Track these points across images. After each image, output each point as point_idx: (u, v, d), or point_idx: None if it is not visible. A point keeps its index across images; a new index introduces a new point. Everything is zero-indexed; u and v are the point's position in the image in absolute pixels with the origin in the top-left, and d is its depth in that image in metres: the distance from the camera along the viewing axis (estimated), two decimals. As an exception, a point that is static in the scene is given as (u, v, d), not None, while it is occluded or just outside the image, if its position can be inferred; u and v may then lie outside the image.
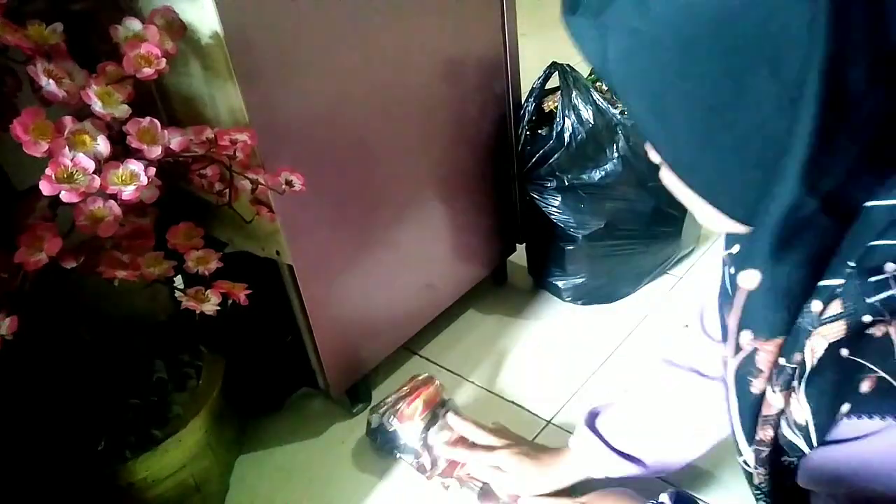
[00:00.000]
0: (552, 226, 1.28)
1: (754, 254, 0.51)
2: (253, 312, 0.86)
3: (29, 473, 0.90)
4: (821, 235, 0.47)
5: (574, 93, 1.20)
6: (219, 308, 0.80)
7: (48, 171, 0.63)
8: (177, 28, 0.77)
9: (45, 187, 0.63)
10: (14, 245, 0.67)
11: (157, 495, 0.95)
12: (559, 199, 1.25)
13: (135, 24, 0.72)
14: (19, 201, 0.75)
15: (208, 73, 0.83)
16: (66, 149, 0.64)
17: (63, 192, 0.63)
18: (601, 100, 1.20)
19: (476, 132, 1.20)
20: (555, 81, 1.27)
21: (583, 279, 1.34)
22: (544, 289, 1.43)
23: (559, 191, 1.25)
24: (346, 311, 1.08)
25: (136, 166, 0.68)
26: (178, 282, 0.88)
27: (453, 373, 1.27)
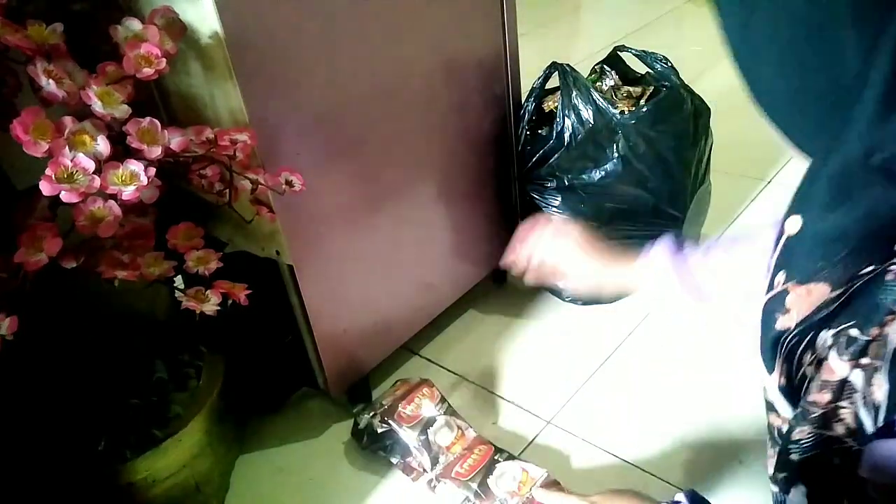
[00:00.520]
0: (552, 226, 1.28)
1: (806, 200, 0.54)
2: (253, 312, 0.86)
3: (29, 473, 0.90)
4: (877, 200, 0.48)
5: (574, 93, 1.20)
6: (219, 308, 0.80)
7: (48, 172, 0.63)
8: (177, 28, 0.77)
9: (45, 187, 0.63)
10: (14, 245, 0.67)
11: (157, 495, 0.95)
12: (559, 199, 1.25)
13: (135, 25, 0.72)
14: (19, 201, 0.75)
15: (208, 73, 0.83)
16: (66, 149, 0.65)
17: (63, 193, 0.63)
18: (601, 100, 1.20)
19: (476, 132, 1.20)
20: (554, 81, 1.27)
21: (583, 279, 1.34)
22: (544, 289, 1.43)
23: (559, 190, 1.25)
24: (345, 311, 1.08)
25: (136, 166, 0.68)
26: (179, 282, 0.88)
27: (453, 373, 1.27)
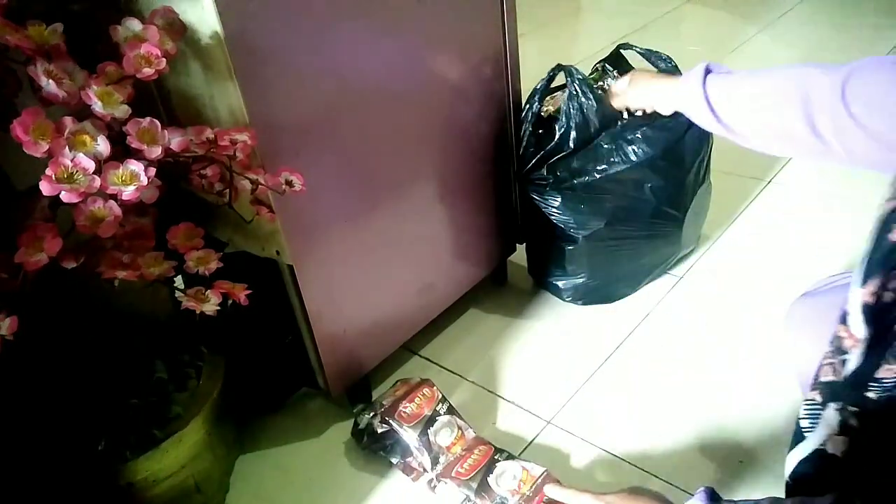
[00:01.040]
0: (552, 226, 1.28)
1: None
2: (253, 312, 0.86)
3: (29, 473, 0.90)
4: None
5: (580, 95, 1.20)
6: (219, 308, 0.80)
7: (48, 172, 0.63)
8: (177, 28, 0.77)
9: (45, 187, 0.63)
10: (14, 245, 0.67)
11: (157, 495, 0.95)
12: (559, 199, 1.25)
13: (135, 25, 0.72)
14: (19, 201, 0.75)
15: (208, 73, 0.83)
16: (66, 149, 0.64)
17: (63, 193, 0.63)
18: (605, 103, 1.20)
19: (476, 132, 1.20)
20: (558, 80, 1.27)
21: (583, 279, 1.34)
22: (544, 289, 1.43)
23: (559, 191, 1.25)
24: (345, 311, 1.08)
25: (136, 166, 0.68)
26: (179, 282, 0.88)
27: (453, 373, 1.27)
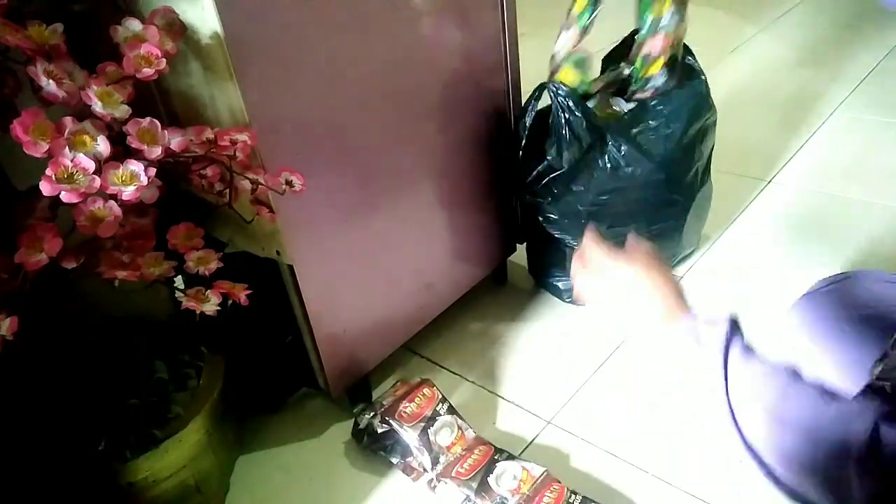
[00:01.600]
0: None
1: None
2: (253, 312, 0.86)
3: (29, 473, 0.90)
4: None
5: (564, 111, 1.18)
6: (219, 308, 0.80)
7: (48, 172, 0.63)
8: (177, 28, 0.77)
9: (45, 188, 0.63)
10: (14, 245, 0.67)
11: (157, 495, 0.95)
12: (557, 213, 1.26)
13: (135, 25, 0.72)
14: (19, 201, 0.75)
15: (208, 73, 0.83)
16: (67, 149, 0.65)
17: (63, 193, 0.63)
18: (594, 116, 1.19)
19: (476, 132, 1.20)
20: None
21: (583, 279, 1.34)
22: (544, 289, 1.43)
23: (557, 205, 1.25)
24: (346, 311, 1.08)
25: (136, 167, 0.68)
26: (179, 282, 0.88)
27: (453, 373, 1.27)
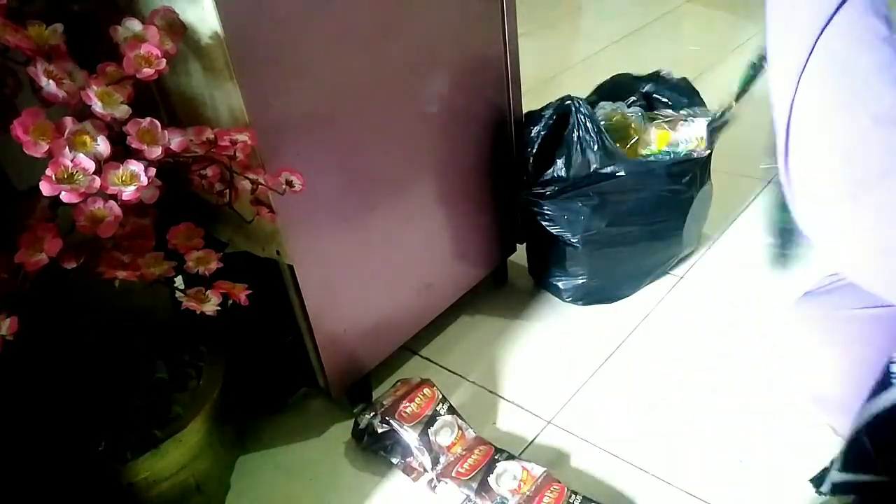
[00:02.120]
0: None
1: None
2: (253, 312, 0.86)
3: (29, 473, 0.90)
4: None
5: (580, 128, 1.20)
6: (219, 308, 0.80)
7: (48, 172, 0.63)
8: (177, 28, 0.77)
9: (45, 188, 0.63)
10: (14, 245, 0.67)
11: (157, 495, 0.95)
12: (557, 209, 1.25)
13: (135, 25, 0.72)
14: (19, 201, 0.75)
15: (208, 73, 0.83)
16: (67, 149, 0.65)
17: (63, 193, 0.63)
18: (609, 141, 1.20)
19: (476, 132, 1.20)
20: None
21: (583, 279, 1.34)
22: (545, 289, 1.43)
23: (557, 202, 1.24)
24: (346, 311, 1.08)
25: (136, 167, 0.68)
26: (179, 282, 0.88)
27: (453, 373, 1.27)
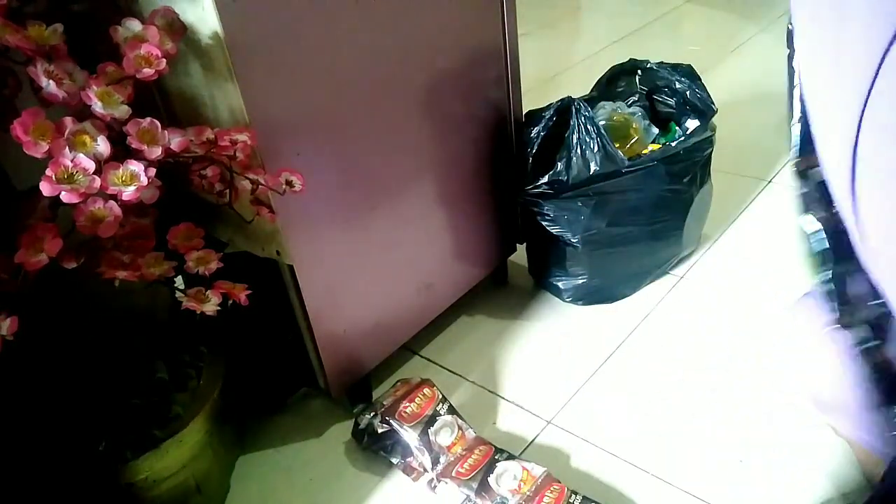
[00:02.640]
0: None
1: None
2: (253, 312, 0.86)
3: (29, 473, 0.90)
4: None
5: (581, 131, 1.20)
6: (219, 308, 0.80)
7: (48, 172, 0.63)
8: (177, 28, 0.77)
9: (45, 188, 0.63)
10: (14, 245, 0.67)
11: (157, 495, 0.95)
12: (556, 210, 1.25)
13: (135, 25, 0.72)
14: (20, 201, 0.75)
15: (208, 73, 0.83)
16: (67, 149, 0.65)
17: (63, 193, 0.63)
18: (609, 144, 1.20)
19: (476, 133, 1.20)
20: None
21: (583, 279, 1.34)
22: (545, 289, 1.43)
23: (557, 202, 1.24)
24: (346, 311, 1.08)
25: (136, 167, 0.68)
26: (179, 282, 0.88)
27: (453, 373, 1.27)
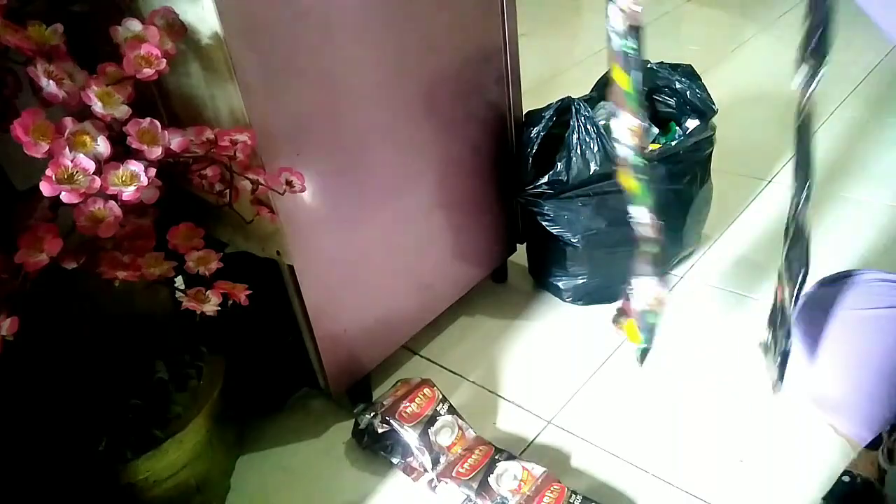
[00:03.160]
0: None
1: None
2: (253, 312, 0.86)
3: (29, 473, 0.90)
4: None
5: (580, 131, 1.19)
6: (219, 308, 0.80)
7: (49, 172, 0.63)
8: (177, 29, 0.77)
9: (45, 188, 0.63)
10: (14, 245, 0.67)
11: (157, 495, 0.95)
12: (556, 210, 1.25)
13: (135, 25, 0.72)
14: (20, 202, 0.75)
15: (208, 73, 0.83)
16: (67, 150, 0.65)
17: (63, 193, 0.63)
18: (609, 144, 1.19)
19: (476, 132, 1.20)
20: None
21: (583, 279, 1.34)
22: (544, 289, 1.43)
23: (556, 202, 1.24)
24: (346, 311, 1.08)
25: (136, 167, 0.68)
26: (179, 282, 0.88)
27: (453, 373, 1.27)
